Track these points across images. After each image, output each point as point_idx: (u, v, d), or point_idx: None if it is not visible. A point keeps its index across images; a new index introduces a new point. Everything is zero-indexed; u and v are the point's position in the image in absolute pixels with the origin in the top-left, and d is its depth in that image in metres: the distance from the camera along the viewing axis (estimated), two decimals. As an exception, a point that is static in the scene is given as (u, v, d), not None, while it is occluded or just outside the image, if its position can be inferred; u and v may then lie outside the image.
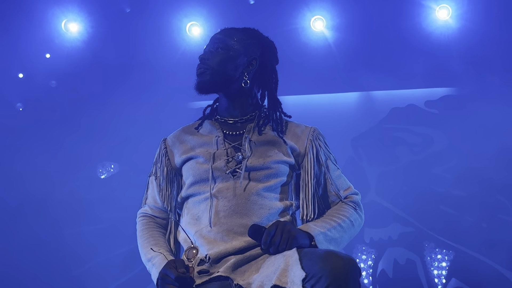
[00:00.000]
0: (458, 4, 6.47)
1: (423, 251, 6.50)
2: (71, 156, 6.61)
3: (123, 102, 6.49)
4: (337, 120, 6.70)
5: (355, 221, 2.88)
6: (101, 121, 6.54)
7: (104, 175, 6.78)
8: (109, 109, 6.54)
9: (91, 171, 6.76)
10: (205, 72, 2.86)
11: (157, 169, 2.99)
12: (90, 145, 6.57)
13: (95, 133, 6.54)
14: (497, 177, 6.44)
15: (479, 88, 6.55)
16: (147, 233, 2.92)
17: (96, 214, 6.52)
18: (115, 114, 6.50)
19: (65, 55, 6.64)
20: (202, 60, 2.88)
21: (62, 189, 6.54)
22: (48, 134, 6.66)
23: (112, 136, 6.53)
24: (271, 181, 2.80)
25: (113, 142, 6.55)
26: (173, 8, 6.51)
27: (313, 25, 6.59)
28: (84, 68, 6.63)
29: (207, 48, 2.94)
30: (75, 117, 6.66)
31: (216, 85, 2.88)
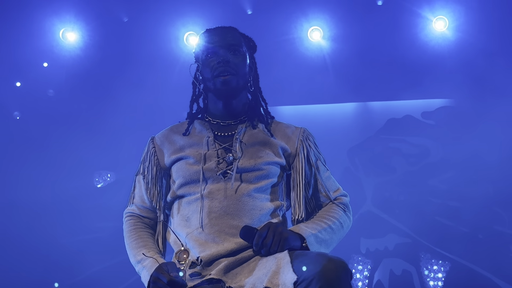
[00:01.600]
0: (455, 16, 6.49)
1: (419, 262, 6.50)
2: (67, 165, 6.60)
3: (121, 112, 6.49)
4: (334, 130, 6.71)
5: (344, 222, 2.90)
6: (98, 130, 6.54)
7: (100, 184, 6.77)
8: (106, 118, 6.54)
9: (88, 180, 6.75)
10: (232, 80, 2.85)
11: (145, 168, 2.95)
12: (87, 153, 6.57)
13: (92, 142, 6.54)
14: (493, 188, 6.45)
15: (476, 100, 6.58)
16: (135, 234, 2.89)
17: (92, 223, 6.51)
18: (112, 123, 6.50)
19: (63, 64, 6.64)
20: (227, 63, 2.85)
21: (58, 198, 6.53)
22: (45, 143, 6.66)
23: (109, 145, 6.52)
24: (262, 182, 2.80)
25: (110, 151, 6.55)
26: (171, 17, 6.52)
27: (311, 36, 6.60)
28: (82, 77, 6.63)
29: (221, 51, 2.88)
30: (72, 126, 6.65)
31: (239, 90, 2.91)
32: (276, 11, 6.54)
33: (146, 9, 6.57)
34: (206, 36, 2.95)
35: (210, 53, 2.89)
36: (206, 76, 2.90)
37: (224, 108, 2.93)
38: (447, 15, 6.49)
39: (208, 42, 2.92)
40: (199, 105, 3.05)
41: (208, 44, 2.92)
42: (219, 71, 2.84)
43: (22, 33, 6.56)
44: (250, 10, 6.59)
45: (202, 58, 2.93)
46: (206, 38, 2.94)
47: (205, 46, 2.92)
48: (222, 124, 2.92)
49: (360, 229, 6.59)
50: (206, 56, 2.90)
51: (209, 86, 2.90)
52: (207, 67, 2.88)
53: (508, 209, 6.46)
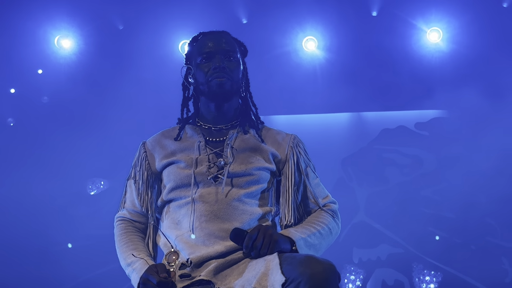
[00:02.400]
0: (449, 28, 6.53)
1: (412, 272, 6.51)
2: (61, 172, 6.60)
3: (115, 119, 6.49)
4: (328, 140, 6.73)
5: (333, 229, 2.89)
6: (93, 137, 6.54)
7: (94, 191, 6.77)
8: (100, 126, 6.54)
9: (81, 187, 6.74)
10: (227, 83, 2.85)
11: (136, 173, 2.95)
12: (81, 161, 6.57)
13: (86, 149, 6.54)
14: (486, 200, 6.47)
15: (469, 111, 6.60)
16: (126, 237, 2.89)
17: (84, 230, 6.50)
18: (107, 131, 6.50)
19: (58, 71, 6.65)
20: (223, 70, 2.84)
21: (51, 205, 6.53)
22: (38, 150, 6.65)
23: (103, 152, 6.52)
24: (252, 187, 2.80)
25: (104, 158, 6.55)
26: (166, 26, 6.54)
27: (305, 46, 6.62)
28: (77, 84, 6.63)
29: (217, 56, 2.87)
30: (66, 133, 6.64)
31: (232, 93, 2.91)
32: (271, 21, 6.56)
33: (142, 17, 6.59)
34: (201, 40, 2.95)
35: (205, 58, 2.88)
36: (200, 80, 2.88)
37: (216, 112, 2.92)
38: (441, 26, 6.52)
39: (203, 46, 2.91)
40: (189, 109, 3.04)
41: (203, 48, 2.90)
42: (215, 75, 2.84)
43: (16, 39, 6.58)
44: (245, 20, 6.61)
45: (196, 61, 2.91)
46: (201, 42, 2.93)
47: (200, 50, 2.91)
48: (214, 129, 2.92)
49: (352, 239, 6.60)
50: (201, 60, 2.88)
51: (202, 89, 2.89)
52: (202, 71, 2.86)
53: (501, 220, 6.49)
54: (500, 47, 6.55)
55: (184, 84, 3.01)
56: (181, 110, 3.03)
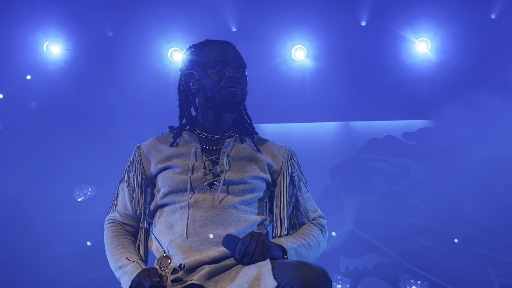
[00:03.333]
0: (437, 38, 6.57)
1: (398, 282, 6.52)
2: (48, 178, 6.58)
3: (103, 126, 6.49)
4: (316, 149, 6.73)
5: (321, 242, 2.94)
6: (80, 144, 6.52)
7: (81, 198, 6.75)
8: (88, 132, 6.53)
9: (68, 193, 6.72)
10: (239, 94, 2.87)
11: (130, 176, 2.95)
12: (68, 167, 6.55)
13: (74, 155, 6.53)
14: (472, 210, 6.48)
15: (456, 122, 6.62)
16: (117, 240, 2.89)
17: (72, 236, 6.48)
18: (94, 137, 6.49)
19: (47, 77, 6.63)
20: (238, 80, 2.87)
21: (39, 211, 6.51)
22: (26, 156, 6.63)
23: (91, 159, 6.51)
24: (247, 196, 2.83)
25: (91, 165, 6.53)
26: (155, 33, 6.53)
27: (294, 54, 6.64)
28: (65, 90, 6.61)
29: (233, 67, 2.89)
30: (53, 139, 6.63)
31: (240, 106, 2.94)
32: (261, 30, 6.57)
33: (131, 24, 6.58)
34: (212, 47, 2.95)
35: (219, 65, 2.88)
36: (209, 87, 2.88)
37: (216, 121, 2.93)
38: (429, 37, 6.56)
39: (217, 54, 2.90)
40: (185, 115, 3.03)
41: (217, 56, 2.90)
42: (230, 84, 2.85)
43: (5, 45, 6.56)
44: (234, 28, 6.62)
45: (206, 68, 2.90)
46: (212, 49, 2.93)
47: (213, 56, 2.90)
48: (211, 138, 2.93)
49: (340, 248, 6.61)
50: (213, 67, 2.88)
51: (210, 97, 2.89)
52: (212, 78, 2.86)
53: (487, 231, 6.51)
54: (488, 58, 6.58)
55: (182, 90, 3.01)
56: (180, 116, 3.03)
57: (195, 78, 2.93)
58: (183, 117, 3.03)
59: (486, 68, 6.56)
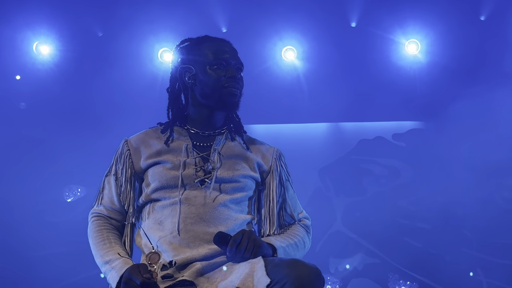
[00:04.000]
0: (427, 40, 6.58)
1: (387, 283, 6.53)
2: (37, 179, 6.55)
3: (93, 126, 6.47)
4: (306, 150, 6.74)
5: (306, 243, 2.96)
6: (69, 145, 6.50)
7: (70, 198, 6.73)
8: (78, 133, 6.51)
9: (58, 194, 6.70)
10: (238, 95, 2.88)
11: (117, 170, 2.92)
12: (57, 168, 6.53)
13: (63, 156, 6.50)
14: (461, 211, 6.51)
15: (446, 123, 6.64)
16: (103, 235, 2.85)
17: (61, 237, 6.46)
18: (84, 137, 6.47)
19: (36, 77, 6.61)
20: (239, 81, 2.89)
21: (28, 211, 6.49)
22: (15, 156, 6.60)
23: (80, 159, 6.49)
24: (237, 194, 2.83)
25: (81, 165, 6.51)
26: (145, 33, 6.52)
27: (284, 55, 6.64)
28: (55, 90, 6.59)
29: (235, 67, 2.89)
30: (43, 139, 6.61)
31: (238, 106, 2.93)
32: (251, 31, 6.57)
33: (121, 25, 6.56)
34: (213, 44, 2.94)
35: (221, 63, 2.87)
36: (208, 83, 2.86)
37: (208, 118, 2.93)
38: (419, 38, 6.57)
39: (219, 52, 2.90)
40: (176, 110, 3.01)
41: (219, 53, 2.89)
42: (231, 84, 2.85)
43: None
44: (224, 28, 6.62)
45: (206, 63, 2.88)
46: (213, 46, 2.92)
47: (214, 53, 2.89)
48: (201, 134, 2.92)
49: (329, 249, 6.62)
50: (214, 64, 2.86)
51: (207, 93, 2.87)
52: (212, 76, 2.85)
53: (476, 232, 6.53)
54: (477, 59, 6.60)
55: (176, 84, 3.00)
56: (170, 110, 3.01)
57: (192, 73, 2.91)
58: (173, 111, 3.00)
59: (475, 69, 6.58)
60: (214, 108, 2.91)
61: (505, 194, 6.60)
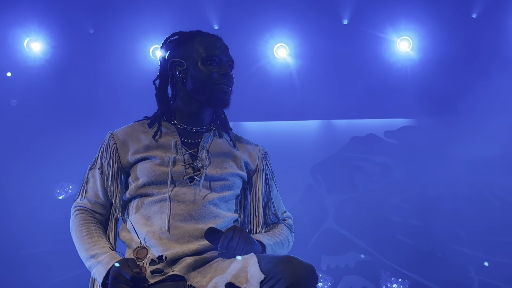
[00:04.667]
0: (418, 37, 6.59)
1: (379, 280, 6.53)
2: (29, 176, 6.53)
3: (84, 124, 6.45)
4: (298, 147, 6.74)
5: (290, 242, 2.99)
6: (61, 141, 6.48)
7: (62, 195, 6.71)
8: (70, 129, 6.48)
9: (49, 191, 6.67)
10: (229, 93, 2.88)
11: (103, 164, 2.89)
12: (49, 165, 6.51)
13: (55, 153, 6.48)
14: (453, 208, 6.52)
15: (438, 120, 6.65)
16: (87, 228, 2.81)
17: (52, 235, 6.44)
18: (76, 135, 6.44)
19: (27, 74, 6.58)
20: (230, 78, 2.88)
21: (19, 209, 6.46)
22: (7, 153, 6.58)
23: (72, 156, 6.46)
24: (225, 192, 2.83)
25: (73, 162, 6.48)
26: (137, 30, 6.51)
27: (276, 53, 6.63)
28: (46, 87, 6.57)
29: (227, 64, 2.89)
30: (34, 137, 6.59)
31: (228, 104, 2.91)
32: (243, 28, 6.56)
33: (113, 21, 6.54)
34: (206, 40, 2.92)
35: (214, 60, 2.86)
36: (200, 79, 2.84)
37: (197, 114, 2.91)
38: (411, 35, 6.58)
39: (213, 48, 2.88)
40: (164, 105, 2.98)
41: (213, 49, 2.88)
42: (222, 82, 2.84)
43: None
44: (216, 25, 6.61)
45: (198, 59, 2.85)
46: (207, 42, 2.91)
47: (208, 50, 2.87)
48: (189, 130, 2.91)
49: (321, 246, 6.62)
50: (207, 60, 2.85)
51: (199, 88, 2.85)
52: (204, 72, 2.84)
53: (467, 228, 6.53)
54: (469, 56, 6.60)
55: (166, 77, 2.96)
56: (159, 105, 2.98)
57: (183, 67, 2.88)
58: (161, 106, 2.97)
59: (467, 66, 6.58)
60: (204, 103, 2.89)
61: (496, 192, 6.61)
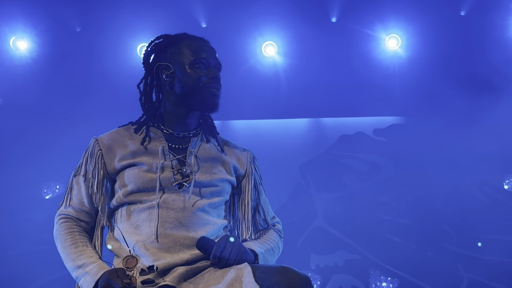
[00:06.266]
0: (407, 34, 6.58)
1: (368, 279, 6.52)
2: (15, 176, 6.49)
3: (71, 122, 6.41)
4: (287, 146, 6.73)
5: (280, 248, 2.97)
6: (48, 141, 6.44)
7: (49, 195, 6.67)
8: (56, 129, 6.45)
9: (36, 191, 6.63)
10: (218, 96, 2.84)
11: (88, 171, 2.82)
12: (36, 164, 6.47)
13: (41, 152, 6.44)
14: (442, 206, 6.53)
15: (426, 118, 6.65)
16: (73, 238, 2.76)
17: (38, 235, 6.39)
18: (63, 134, 6.41)
19: (13, 73, 6.54)
20: (219, 82, 2.85)
21: (5, 209, 6.42)
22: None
23: (59, 156, 6.42)
24: (215, 199, 2.79)
25: (60, 162, 6.44)
26: (123, 29, 6.47)
27: (265, 51, 6.61)
28: (33, 86, 6.53)
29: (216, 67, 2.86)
30: (21, 136, 6.55)
31: (218, 107, 2.87)
32: (231, 25, 6.53)
33: (99, 20, 6.51)
34: (193, 43, 2.87)
35: (202, 63, 2.82)
36: (189, 83, 2.80)
37: (184, 119, 2.87)
38: (399, 33, 6.57)
39: (200, 51, 2.84)
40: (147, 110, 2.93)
41: (200, 53, 2.84)
42: (212, 86, 2.80)
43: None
44: (204, 23, 6.58)
45: (186, 63, 2.81)
46: (194, 45, 2.86)
47: (195, 53, 2.83)
48: (176, 136, 2.86)
49: (310, 245, 6.60)
50: (195, 63, 2.81)
51: (187, 92, 2.81)
52: (193, 76, 2.79)
53: (457, 227, 6.54)
54: (458, 54, 6.61)
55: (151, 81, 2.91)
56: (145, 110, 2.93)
57: (170, 70, 2.84)
58: (148, 111, 2.92)
59: (456, 64, 6.59)
60: (193, 107, 2.85)
61: (486, 190, 6.62)
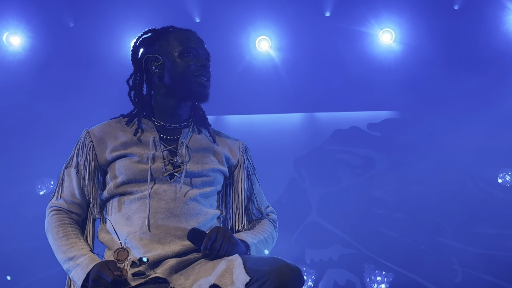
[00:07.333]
0: (400, 28, 6.58)
1: (363, 273, 6.54)
2: (9, 171, 6.48)
3: (65, 118, 6.40)
4: (281, 140, 6.73)
5: (274, 238, 2.96)
6: (42, 136, 6.43)
7: (43, 191, 6.66)
8: (50, 124, 6.44)
9: (30, 186, 6.62)
10: (207, 85, 2.83)
11: (79, 163, 2.81)
12: (30, 160, 6.46)
13: (35, 148, 6.43)
14: (436, 201, 6.53)
15: (420, 112, 6.66)
16: (64, 230, 2.74)
17: (32, 231, 6.38)
18: (57, 129, 6.40)
19: (6, 68, 6.53)
20: (209, 70, 2.84)
21: (0, 204, 6.43)
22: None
23: (53, 151, 6.41)
24: (207, 188, 2.78)
25: (53, 158, 6.43)
26: (117, 23, 6.47)
27: (258, 45, 6.61)
28: (26, 82, 6.52)
29: (204, 56, 2.85)
30: (14, 132, 6.54)
31: (208, 97, 2.86)
32: (225, 20, 6.53)
33: (93, 15, 6.50)
34: (181, 33, 2.87)
35: (190, 53, 2.81)
36: (178, 72, 2.79)
37: (174, 110, 2.86)
38: (393, 27, 6.57)
39: (188, 41, 2.84)
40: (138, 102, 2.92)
41: (188, 42, 2.83)
42: (201, 74, 2.80)
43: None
44: (198, 18, 6.57)
45: (175, 53, 2.81)
46: (182, 35, 2.86)
47: (183, 43, 2.83)
48: (167, 127, 2.86)
49: (305, 240, 6.61)
50: (183, 53, 2.80)
51: (177, 82, 2.80)
52: (182, 65, 2.79)
53: (451, 221, 6.55)
54: (452, 48, 6.61)
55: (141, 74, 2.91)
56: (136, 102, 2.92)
57: (159, 62, 2.83)
58: (138, 104, 2.91)
59: (449, 58, 6.59)
60: (183, 98, 2.85)
61: (480, 184, 6.63)
